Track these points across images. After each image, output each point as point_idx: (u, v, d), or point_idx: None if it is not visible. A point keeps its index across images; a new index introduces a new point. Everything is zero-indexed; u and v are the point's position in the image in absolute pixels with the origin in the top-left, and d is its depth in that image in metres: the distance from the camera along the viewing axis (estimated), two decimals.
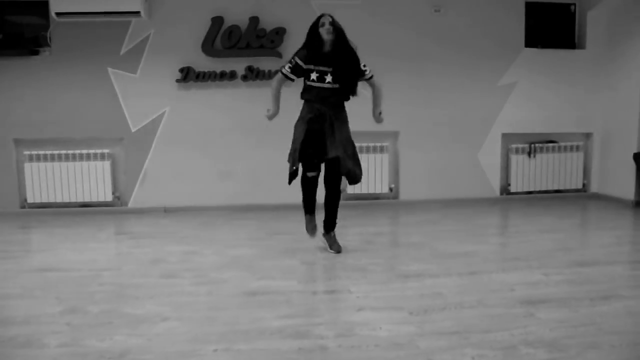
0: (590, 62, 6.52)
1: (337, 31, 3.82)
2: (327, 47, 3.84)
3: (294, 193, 4.87)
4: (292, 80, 3.93)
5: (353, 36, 6.04)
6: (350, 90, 3.97)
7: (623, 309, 2.82)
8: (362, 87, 4.11)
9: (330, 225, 4.16)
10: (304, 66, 3.84)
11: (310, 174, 3.99)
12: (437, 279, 3.38)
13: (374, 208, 6.15)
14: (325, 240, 4.17)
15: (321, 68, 3.84)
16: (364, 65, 3.98)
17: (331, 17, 3.84)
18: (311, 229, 4.18)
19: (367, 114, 5.84)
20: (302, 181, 4.04)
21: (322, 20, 3.83)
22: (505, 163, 6.63)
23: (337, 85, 3.87)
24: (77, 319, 2.77)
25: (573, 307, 2.83)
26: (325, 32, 3.79)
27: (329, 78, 3.83)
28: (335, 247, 4.09)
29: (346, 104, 4.05)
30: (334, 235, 4.16)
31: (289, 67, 3.86)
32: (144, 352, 2.34)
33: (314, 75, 3.84)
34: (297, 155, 3.86)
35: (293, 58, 3.87)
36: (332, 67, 3.84)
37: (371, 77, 4.04)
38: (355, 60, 3.92)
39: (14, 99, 5.98)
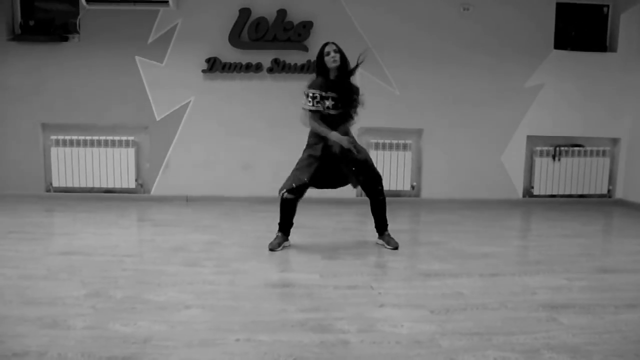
0: (621, 65, 6.40)
1: (342, 59, 3.88)
2: (332, 75, 3.91)
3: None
4: (321, 110, 3.91)
5: (380, 34, 6.08)
6: (351, 115, 4.02)
7: None
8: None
9: (381, 228, 4.21)
10: (325, 93, 3.88)
11: (288, 196, 3.94)
12: (458, 279, 3.36)
13: (395, 205, 6.07)
14: (381, 241, 4.20)
15: (330, 94, 3.91)
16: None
17: (335, 44, 3.90)
18: (276, 244, 4.02)
19: (391, 111, 5.87)
20: (281, 202, 3.99)
21: (326, 49, 3.88)
22: (529, 165, 6.56)
23: (339, 111, 3.93)
24: (101, 302, 2.80)
25: (597, 313, 2.79)
26: (331, 61, 3.85)
27: (328, 103, 3.90)
28: (392, 243, 4.11)
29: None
30: (388, 233, 4.19)
31: (310, 102, 3.89)
32: (166, 339, 2.36)
33: (328, 103, 3.89)
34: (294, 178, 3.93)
35: (309, 91, 3.91)
36: (336, 94, 3.90)
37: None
38: (355, 88, 4.00)
39: (43, 84, 6.07)
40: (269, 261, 3.70)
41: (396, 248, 4.08)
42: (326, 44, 3.90)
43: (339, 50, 3.88)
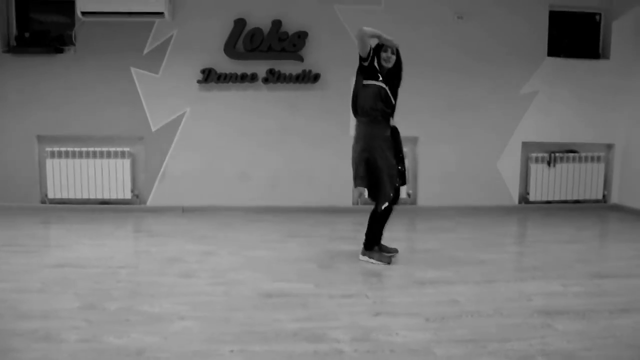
0: (614, 72, 6.44)
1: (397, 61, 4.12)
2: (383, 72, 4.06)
3: (312, 196, 4.84)
4: (369, 50, 3.97)
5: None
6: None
7: None
8: None
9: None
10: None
11: (390, 205, 3.93)
12: (453, 287, 3.36)
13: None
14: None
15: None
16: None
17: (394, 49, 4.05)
18: (388, 258, 3.97)
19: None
20: (382, 214, 3.92)
21: (384, 47, 4.05)
22: (524, 172, 6.57)
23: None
24: (95, 315, 2.80)
25: (592, 319, 2.80)
26: (384, 60, 4.04)
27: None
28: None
29: None
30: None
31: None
32: (160, 351, 2.35)
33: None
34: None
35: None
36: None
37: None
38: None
39: (38, 96, 6.07)
40: (264, 271, 3.69)
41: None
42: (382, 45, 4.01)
43: (397, 53, 4.07)
